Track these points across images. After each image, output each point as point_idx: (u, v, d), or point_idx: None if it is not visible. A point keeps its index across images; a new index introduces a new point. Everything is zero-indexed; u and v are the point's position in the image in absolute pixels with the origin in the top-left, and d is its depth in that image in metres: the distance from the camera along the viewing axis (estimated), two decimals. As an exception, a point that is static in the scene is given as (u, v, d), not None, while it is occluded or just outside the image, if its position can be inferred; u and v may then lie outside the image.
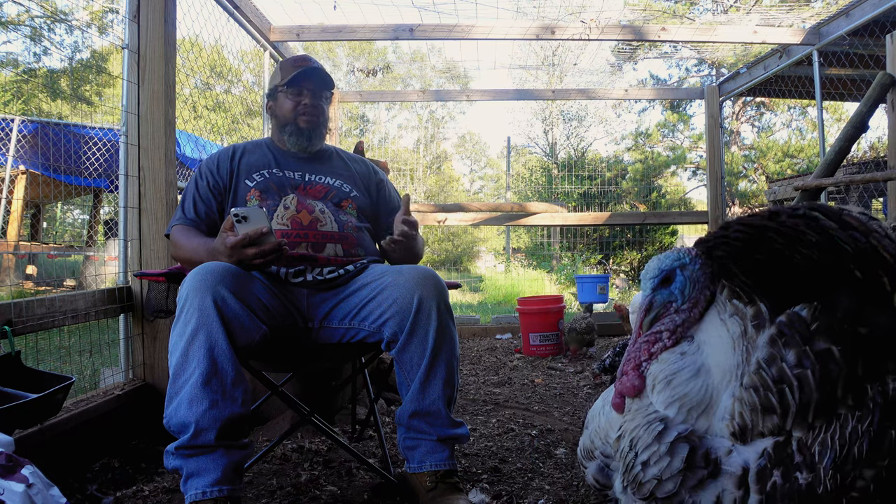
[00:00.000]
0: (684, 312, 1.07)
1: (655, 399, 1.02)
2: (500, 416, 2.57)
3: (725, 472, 0.93)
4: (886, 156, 2.80)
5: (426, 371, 1.53)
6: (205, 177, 1.79)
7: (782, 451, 0.91)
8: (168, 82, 2.24)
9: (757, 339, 0.97)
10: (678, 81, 16.13)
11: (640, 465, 0.98)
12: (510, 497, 1.67)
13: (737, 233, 1.04)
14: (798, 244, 0.98)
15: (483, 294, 9.64)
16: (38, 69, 14.18)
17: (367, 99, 5.86)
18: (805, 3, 6.11)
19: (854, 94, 4.47)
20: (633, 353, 1.08)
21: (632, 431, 1.01)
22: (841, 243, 0.96)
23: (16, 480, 1.14)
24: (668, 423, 0.99)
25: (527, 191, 13.40)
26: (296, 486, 1.76)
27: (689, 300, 1.07)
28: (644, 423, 1.01)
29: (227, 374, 1.37)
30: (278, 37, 3.70)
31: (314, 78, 1.82)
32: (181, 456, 1.36)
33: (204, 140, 5.38)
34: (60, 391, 1.60)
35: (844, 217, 0.97)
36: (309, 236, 1.69)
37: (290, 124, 1.83)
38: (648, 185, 12.13)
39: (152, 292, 2.12)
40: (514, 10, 4.91)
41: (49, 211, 10.71)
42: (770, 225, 1.02)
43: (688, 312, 1.07)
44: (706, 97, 4.81)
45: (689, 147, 15.47)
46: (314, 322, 1.65)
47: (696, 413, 0.99)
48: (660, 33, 4.02)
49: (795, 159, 12.31)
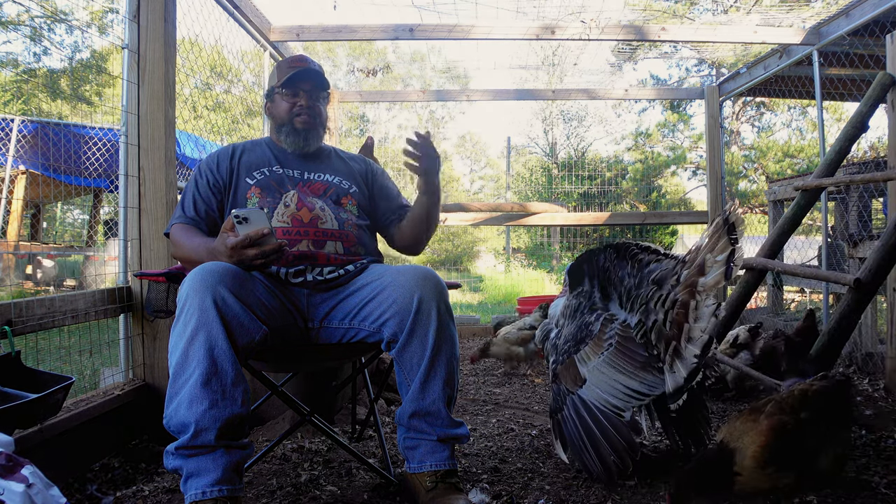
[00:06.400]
0: (564, 293, 2.16)
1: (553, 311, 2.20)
2: (500, 416, 2.57)
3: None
4: (886, 156, 2.80)
5: (426, 371, 1.53)
6: (205, 175, 1.79)
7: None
8: (168, 82, 2.23)
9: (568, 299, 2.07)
10: (678, 81, 16.13)
11: (555, 325, 2.09)
12: (510, 497, 1.67)
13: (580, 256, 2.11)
14: (584, 263, 2.03)
15: (483, 294, 9.64)
16: (38, 69, 14.19)
17: (367, 99, 5.86)
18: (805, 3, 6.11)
19: (854, 94, 4.47)
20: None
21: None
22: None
23: (16, 480, 1.14)
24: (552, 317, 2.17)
25: (527, 191, 13.40)
26: (296, 486, 1.76)
27: (565, 287, 2.17)
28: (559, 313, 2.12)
29: (227, 374, 1.37)
30: (278, 37, 3.70)
31: (310, 78, 1.82)
32: (181, 456, 1.36)
33: (204, 140, 5.38)
34: (60, 391, 1.60)
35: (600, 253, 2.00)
36: (309, 234, 1.69)
37: (286, 125, 1.83)
38: (648, 185, 12.13)
39: (152, 292, 2.12)
40: (514, 10, 4.90)
41: (49, 211, 10.71)
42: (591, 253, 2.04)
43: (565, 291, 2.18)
44: (706, 97, 4.81)
45: (689, 147, 15.46)
46: (314, 322, 1.65)
47: (555, 314, 2.14)
48: (660, 33, 4.02)
49: (795, 159, 12.31)
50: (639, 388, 1.65)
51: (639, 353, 1.69)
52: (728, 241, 1.59)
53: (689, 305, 1.59)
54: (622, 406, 1.65)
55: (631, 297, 1.83)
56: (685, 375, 1.56)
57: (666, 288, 1.70)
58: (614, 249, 1.94)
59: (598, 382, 1.71)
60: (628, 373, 1.68)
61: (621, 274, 1.89)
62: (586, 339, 1.81)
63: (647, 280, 1.78)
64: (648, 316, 1.72)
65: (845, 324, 2.11)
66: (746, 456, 1.28)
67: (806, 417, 1.32)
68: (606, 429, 1.64)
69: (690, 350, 1.56)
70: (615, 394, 1.67)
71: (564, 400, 1.80)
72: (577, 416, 1.72)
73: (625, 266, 1.89)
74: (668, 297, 1.67)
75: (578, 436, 1.70)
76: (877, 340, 3.26)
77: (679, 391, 1.57)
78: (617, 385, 1.68)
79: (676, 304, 1.63)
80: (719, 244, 1.61)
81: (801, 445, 1.29)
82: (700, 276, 1.60)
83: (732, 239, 1.58)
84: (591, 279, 2.00)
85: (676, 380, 1.58)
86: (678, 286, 1.66)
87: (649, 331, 1.70)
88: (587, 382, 1.74)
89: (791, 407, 1.34)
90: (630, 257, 1.89)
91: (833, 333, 2.12)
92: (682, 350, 1.58)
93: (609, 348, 1.74)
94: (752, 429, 1.32)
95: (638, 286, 1.82)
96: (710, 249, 1.62)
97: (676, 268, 1.71)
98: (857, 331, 3.16)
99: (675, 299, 1.64)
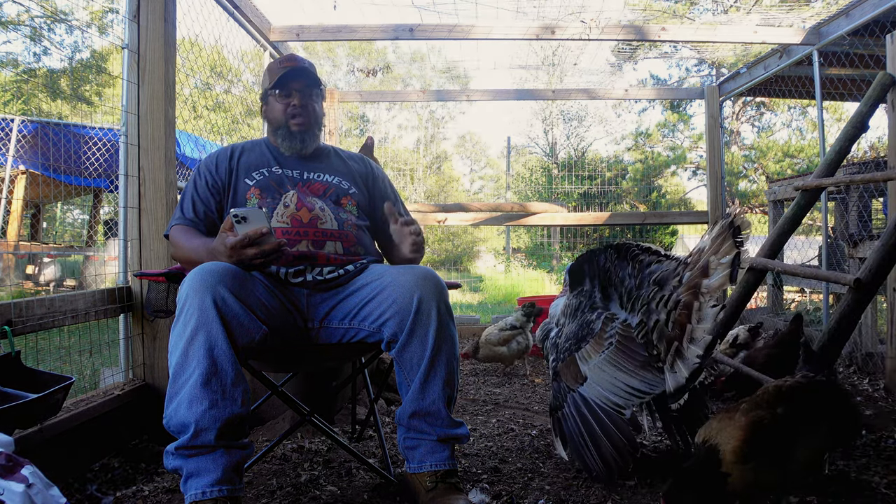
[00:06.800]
0: (565, 292, 2.19)
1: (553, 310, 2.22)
2: (500, 416, 2.57)
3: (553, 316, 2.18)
4: (886, 156, 2.80)
5: (426, 371, 1.53)
6: (203, 176, 1.79)
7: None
8: (168, 82, 2.23)
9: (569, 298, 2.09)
10: (678, 81, 16.12)
11: (555, 324, 2.11)
12: (510, 497, 1.67)
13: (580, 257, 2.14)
14: (585, 263, 2.05)
15: (483, 294, 9.64)
16: (38, 69, 14.18)
17: (367, 99, 5.85)
18: (805, 3, 6.11)
19: (854, 94, 4.47)
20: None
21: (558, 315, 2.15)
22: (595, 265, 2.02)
23: (16, 480, 1.14)
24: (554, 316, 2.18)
25: (527, 191, 13.41)
26: (296, 486, 1.76)
27: (566, 287, 2.21)
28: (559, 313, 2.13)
29: (227, 374, 1.37)
30: (278, 37, 3.70)
31: (301, 77, 1.80)
32: (181, 456, 1.36)
33: (204, 140, 5.38)
34: (60, 391, 1.60)
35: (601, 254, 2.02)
36: (309, 234, 1.69)
37: (282, 128, 1.82)
38: (648, 185, 12.13)
39: (152, 292, 2.12)
40: (514, 10, 4.91)
41: (49, 211, 10.71)
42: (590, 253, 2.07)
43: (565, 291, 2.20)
44: (706, 97, 4.81)
45: (689, 147, 15.45)
46: (314, 322, 1.65)
47: (555, 313, 2.16)
48: (660, 33, 4.02)
49: (795, 159, 12.30)
50: (639, 386, 1.66)
51: (639, 353, 1.70)
52: (733, 243, 1.60)
53: (692, 306, 1.59)
54: (623, 403, 1.66)
55: (632, 298, 1.84)
56: (687, 375, 1.56)
57: (668, 289, 1.70)
58: (615, 250, 1.95)
59: (599, 380, 1.72)
60: (629, 371, 1.68)
61: (622, 274, 1.90)
62: (587, 338, 1.82)
63: (649, 281, 1.79)
64: (650, 316, 1.72)
65: (845, 324, 2.11)
66: (727, 451, 1.30)
67: (783, 412, 1.34)
68: (607, 426, 1.65)
69: (693, 350, 1.56)
70: (616, 391, 1.68)
71: (565, 397, 1.80)
72: (578, 414, 1.73)
73: (626, 266, 1.90)
74: (670, 298, 1.67)
75: (579, 433, 1.71)
76: (877, 340, 3.26)
77: (680, 391, 1.57)
78: (618, 383, 1.69)
79: (679, 304, 1.63)
80: (724, 247, 1.61)
81: (779, 440, 1.31)
82: (704, 278, 1.61)
83: (738, 242, 1.59)
84: (591, 279, 2.01)
85: (678, 379, 1.58)
86: (681, 287, 1.66)
87: (650, 331, 1.71)
88: (588, 380, 1.74)
89: (767, 402, 1.37)
90: (631, 258, 1.89)
91: (833, 333, 2.12)
92: (685, 350, 1.58)
93: (610, 347, 1.75)
94: (729, 426, 1.34)
95: (639, 287, 1.82)
96: (714, 251, 1.63)
97: (679, 269, 1.71)
98: (857, 331, 3.16)
99: (678, 300, 1.64)
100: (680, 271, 1.70)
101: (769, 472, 1.30)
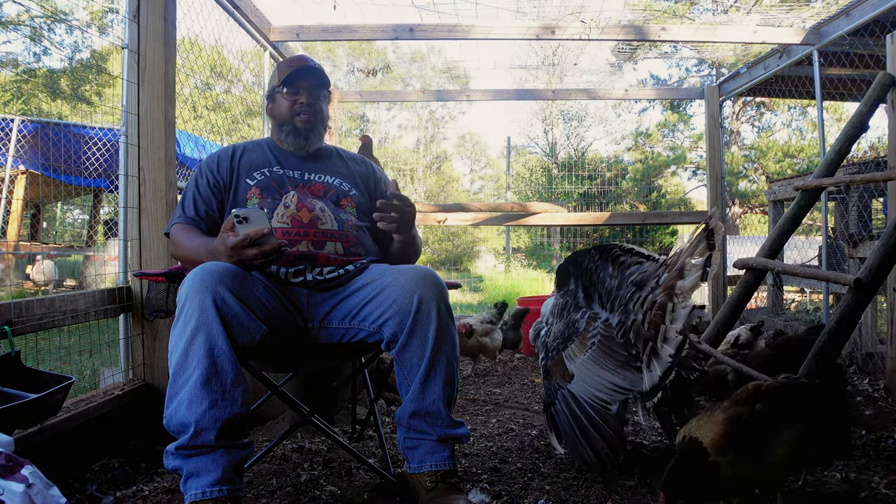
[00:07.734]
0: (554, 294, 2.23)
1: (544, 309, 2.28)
2: (500, 416, 2.58)
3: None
4: (886, 156, 2.79)
5: (426, 371, 1.53)
6: (205, 175, 1.79)
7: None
8: (168, 82, 2.23)
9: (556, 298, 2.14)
10: (678, 81, 16.12)
11: (545, 323, 2.17)
12: (510, 497, 1.67)
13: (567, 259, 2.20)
14: (571, 264, 2.11)
15: (483, 294, 9.65)
16: (38, 69, 14.18)
17: (367, 99, 5.86)
18: (805, 3, 6.11)
19: (854, 94, 4.46)
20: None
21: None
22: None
23: (16, 480, 1.14)
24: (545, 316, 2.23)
25: (527, 191, 13.41)
26: (296, 486, 1.76)
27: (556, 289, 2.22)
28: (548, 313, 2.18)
29: (227, 374, 1.37)
30: (278, 37, 3.70)
31: (310, 76, 1.82)
32: (181, 456, 1.36)
33: (204, 140, 5.38)
34: (60, 391, 1.60)
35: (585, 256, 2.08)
36: (309, 234, 1.69)
37: (286, 124, 1.83)
38: (648, 185, 12.14)
39: (152, 292, 2.12)
40: (514, 10, 4.91)
41: (49, 211, 10.71)
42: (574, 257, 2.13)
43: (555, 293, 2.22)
44: (706, 97, 4.81)
45: (689, 147, 15.45)
46: (314, 322, 1.65)
47: (545, 313, 2.20)
48: (660, 33, 4.02)
49: (795, 159, 12.30)
50: (621, 383, 1.71)
51: (619, 352, 1.75)
52: (707, 245, 1.64)
53: (666, 307, 1.63)
54: (608, 399, 1.71)
55: (611, 298, 1.89)
56: (660, 374, 1.60)
57: (646, 290, 1.75)
58: (598, 251, 2.01)
59: (585, 378, 1.77)
60: (611, 370, 1.74)
61: (602, 275, 1.95)
62: (573, 337, 1.88)
63: (627, 281, 1.84)
64: (628, 316, 1.77)
65: (845, 324, 2.10)
66: (706, 444, 1.34)
67: (761, 409, 1.37)
68: (595, 420, 1.70)
69: (666, 350, 1.60)
70: (601, 388, 1.73)
71: (556, 394, 1.85)
72: (568, 410, 1.78)
73: (607, 268, 1.95)
74: (646, 299, 1.72)
75: (570, 427, 1.75)
76: (877, 340, 3.26)
77: (654, 389, 1.61)
78: (601, 381, 1.74)
79: (655, 305, 1.67)
80: (699, 248, 1.67)
81: (756, 434, 1.35)
82: (679, 280, 1.65)
83: (711, 244, 1.64)
84: (575, 279, 2.06)
85: (653, 378, 1.62)
86: (658, 288, 1.70)
87: (629, 330, 1.75)
88: (575, 378, 1.79)
89: (745, 400, 1.41)
90: (612, 259, 1.94)
91: (833, 333, 2.11)
92: (659, 349, 1.62)
93: (592, 346, 1.80)
94: (708, 421, 1.39)
95: (618, 287, 1.87)
96: (689, 253, 1.68)
97: (658, 270, 1.76)
98: (857, 331, 3.16)
99: (653, 301, 1.69)
100: (659, 273, 1.75)
101: (745, 465, 1.33)
